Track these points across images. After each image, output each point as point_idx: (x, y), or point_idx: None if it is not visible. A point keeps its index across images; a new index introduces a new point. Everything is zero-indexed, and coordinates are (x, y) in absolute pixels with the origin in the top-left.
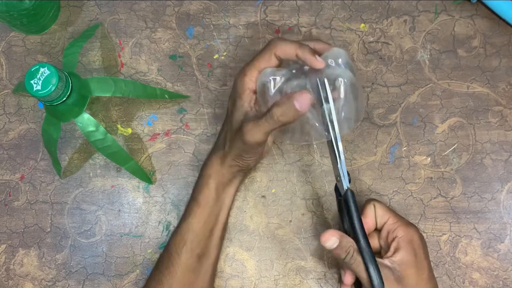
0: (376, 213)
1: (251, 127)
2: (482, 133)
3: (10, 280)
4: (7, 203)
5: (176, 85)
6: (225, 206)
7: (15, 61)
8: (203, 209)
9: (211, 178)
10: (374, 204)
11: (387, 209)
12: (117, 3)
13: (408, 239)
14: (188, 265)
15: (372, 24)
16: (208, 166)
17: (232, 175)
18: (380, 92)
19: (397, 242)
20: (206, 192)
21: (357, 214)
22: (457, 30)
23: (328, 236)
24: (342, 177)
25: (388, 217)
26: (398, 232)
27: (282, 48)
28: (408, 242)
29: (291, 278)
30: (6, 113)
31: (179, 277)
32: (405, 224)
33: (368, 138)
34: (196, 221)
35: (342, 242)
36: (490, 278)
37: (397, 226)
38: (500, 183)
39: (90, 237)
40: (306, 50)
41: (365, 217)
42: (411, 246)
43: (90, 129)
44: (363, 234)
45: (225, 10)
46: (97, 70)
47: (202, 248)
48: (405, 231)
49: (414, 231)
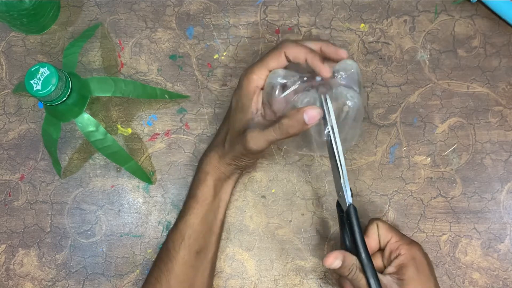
0: (379, 232)
1: (256, 135)
2: (482, 133)
3: (10, 280)
4: (7, 203)
5: (176, 85)
6: (223, 203)
7: (15, 61)
8: (201, 205)
9: (209, 174)
10: (377, 224)
11: (390, 228)
12: (117, 3)
13: (411, 257)
14: (187, 261)
15: (372, 24)
16: (206, 163)
17: (230, 172)
18: (380, 92)
19: (400, 260)
20: (205, 189)
21: (359, 229)
22: (457, 30)
23: (332, 259)
24: (345, 192)
25: (391, 236)
26: (401, 250)
27: (292, 50)
28: (411, 259)
29: (291, 278)
30: (6, 113)
31: (177, 273)
32: (407, 242)
33: (368, 138)
34: (194, 217)
35: (345, 262)
36: (490, 278)
37: (399, 245)
38: (500, 183)
39: (90, 237)
40: (316, 57)
41: (368, 237)
42: (413, 263)
43: (90, 129)
44: (364, 249)
45: (225, 10)
46: (97, 70)
47: (201, 244)
48: (408, 249)
49: (417, 249)
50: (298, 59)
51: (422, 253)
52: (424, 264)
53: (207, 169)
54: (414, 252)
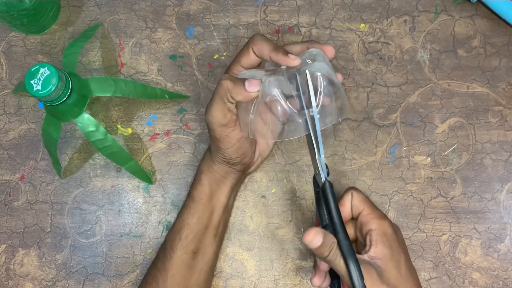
0: (352, 202)
1: (208, 107)
2: (482, 133)
3: (10, 280)
4: (7, 203)
5: (176, 85)
6: (220, 204)
7: (15, 61)
8: (197, 205)
9: (203, 173)
10: (352, 193)
11: (363, 199)
12: (117, 3)
13: (382, 232)
14: (183, 260)
15: (372, 24)
16: (202, 163)
17: (224, 172)
18: (380, 92)
19: (372, 236)
20: (200, 188)
21: (335, 207)
22: (457, 30)
23: (313, 235)
24: (320, 169)
25: (363, 208)
26: (372, 224)
27: (258, 46)
28: (382, 235)
29: (291, 278)
30: (6, 113)
31: (174, 273)
32: (378, 216)
33: (368, 138)
34: (190, 217)
35: (325, 240)
36: (490, 278)
37: (370, 218)
38: (500, 183)
39: (90, 237)
40: (279, 52)
41: (342, 205)
42: (385, 238)
43: (90, 129)
44: (342, 228)
45: (225, 10)
46: (97, 70)
47: (197, 244)
48: (378, 224)
49: (388, 224)
50: (263, 55)
51: (392, 228)
52: (394, 240)
53: (202, 169)
54: (385, 228)
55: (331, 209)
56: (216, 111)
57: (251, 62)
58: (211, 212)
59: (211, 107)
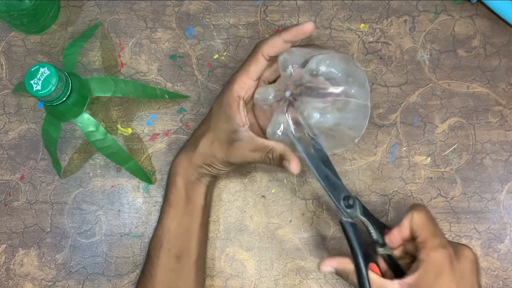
0: (412, 225)
1: (241, 152)
2: (482, 133)
3: (10, 280)
4: (7, 203)
5: (176, 85)
6: (198, 206)
7: (15, 61)
8: (175, 209)
9: (178, 176)
10: (412, 214)
11: (423, 223)
12: (117, 3)
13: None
14: (167, 265)
15: (372, 24)
16: (176, 165)
17: (200, 175)
18: (380, 92)
19: (415, 266)
20: (175, 191)
21: (357, 244)
22: (457, 30)
23: (325, 266)
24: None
25: (419, 234)
26: (421, 254)
27: (267, 45)
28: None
29: (291, 278)
30: (6, 113)
31: (161, 278)
32: (432, 246)
33: (368, 138)
34: (170, 221)
35: (338, 269)
36: (490, 278)
37: (421, 248)
38: (500, 183)
39: (90, 237)
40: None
41: (400, 227)
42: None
43: (90, 129)
44: (359, 267)
45: (225, 10)
46: (97, 70)
47: (179, 248)
48: (427, 255)
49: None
50: (277, 47)
51: (449, 259)
52: (445, 274)
53: (177, 171)
54: (435, 259)
55: (353, 245)
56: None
57: (260, 69)
58: (190, 216)
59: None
